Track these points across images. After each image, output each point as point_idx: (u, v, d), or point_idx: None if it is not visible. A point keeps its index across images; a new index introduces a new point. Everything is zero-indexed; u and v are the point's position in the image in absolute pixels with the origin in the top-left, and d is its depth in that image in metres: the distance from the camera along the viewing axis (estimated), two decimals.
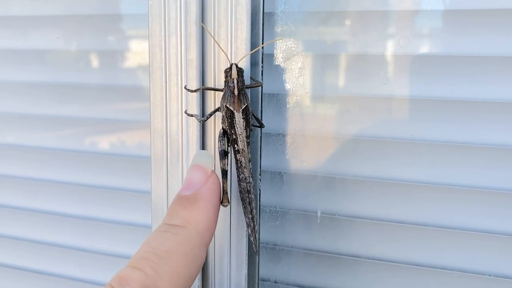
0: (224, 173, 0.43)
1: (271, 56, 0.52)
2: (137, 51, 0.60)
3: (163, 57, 0.47)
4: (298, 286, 0.56)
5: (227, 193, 0.43)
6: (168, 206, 0.50)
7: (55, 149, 0.65)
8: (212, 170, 0.36)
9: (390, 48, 0.49)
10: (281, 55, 0.51)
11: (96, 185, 0.63)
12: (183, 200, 0.34)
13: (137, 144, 0.61)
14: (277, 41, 0.51)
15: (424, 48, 0.48)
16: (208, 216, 0.34)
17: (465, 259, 0.50)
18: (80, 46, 0.62)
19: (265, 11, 0.47)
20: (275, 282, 0.56)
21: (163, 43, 0.47)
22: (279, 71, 0.52)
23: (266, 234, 0.55)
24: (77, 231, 0.65)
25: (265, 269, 0.56)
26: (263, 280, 0.57)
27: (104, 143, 0.63)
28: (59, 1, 0.61)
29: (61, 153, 0.64)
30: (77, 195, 0.65)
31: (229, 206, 0.47)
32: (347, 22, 0.50)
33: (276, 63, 0.52)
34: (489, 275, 0.49)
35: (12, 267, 0.69)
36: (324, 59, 0.51)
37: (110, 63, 0.62)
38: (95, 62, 0.62)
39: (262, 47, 0.45)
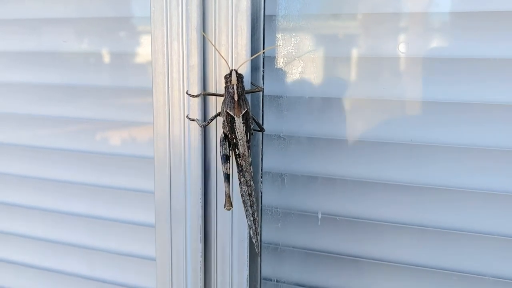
0: (227, 177, 0.44)
1: (273, 59, 0.52)
2: (143, 53, 0.61)
3: (166, 62, 0.48)
4: (300, 286, 0.57)
5: (229, 196, 0.44)
6: (172, 206, 0.51)
7: (64, 150, 0.66)
8: None
9: (391, 50, 0.49)
10: (282, 59, 0.52)
11: (102, 185, 0.65)
12: None
13: (143, 145, 0.62)
14: (276, 46, 0.51)
15: (431, 51, 0.49)
16: None
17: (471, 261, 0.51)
18: (87, 48, 0.63)
19: (266, 14, 0.47)
20: (277, 281, 0.57)
21: (165, 48, 0.48)
22: (280, 74, 0.53)
23: (268, 235, 0.56)
24: (84, 230, 0.67)
25: (267, 269, 0.57)
26: (265, 279, 0.57)
27: (111, 143, 0.64)
28: (64, 5, 0.62)
29: (70, 153, 0.66)
30: (84, 194, 0.66)
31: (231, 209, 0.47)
32: (348, 24, 0.50)
33: (277, 67, 0.53)
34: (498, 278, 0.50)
35: (22, 265, 0.71)
36: (325, 62, 0.52)
37: (117, 65, 0.62)
38: (101, 64, 0.63)
39: (263, 53, 0.46)
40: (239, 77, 0.42)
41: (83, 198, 0.66)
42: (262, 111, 0.49)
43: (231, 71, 0.42)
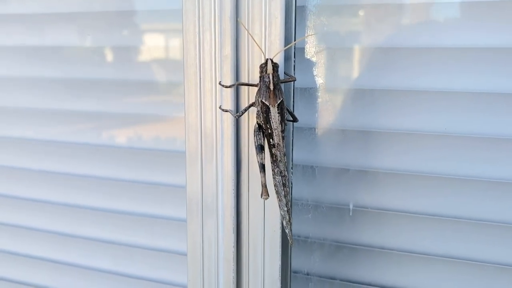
0: (262, 167, 0.44)
1: (302, 50, 0.52)
2: (172, 47, 0.61)
3: (197, 53, 0.48)
4: (330, 278, 0.57)
5: (266, 186, 0.44)
6: (203, 199, 0.51)
7: (92, 145, 0.66)
8: None
9: (424, 40, 0.49)
10: (313, 49, 0.52)
11: (131, 180, 0.65)
12: None
13: (173, 139, 0.62)
14: (309, 36, 0.51)
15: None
16: None
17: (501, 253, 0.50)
18: (112, 43, 0.63)
19: (297, 4, 0.47)
20: (307, 274, 0.57)
21: (197, 39, 0.48)
22: (310, 65, 0.53)
23: (298, 227, 0.56)
24: (111, 225, 0.67)
25: (297, 261, 0.57)
26: (295, 272, 0.57)
27: (140, 138, 0.64)
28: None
29: (98, 148, 0.66)
30: (113, 190, 0.66)
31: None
32: (379, 15, 0.50)
33: (308, 57, 0.52)
34: None
35: (48, 260, 0.72)
36: (355, 52, 0.51)
37: (146, 59, 0.63)
38: (130, 58, 0.63)
39: (295, 43, 0.46)
40: (275, 66, 0.42)
41: (112, 193, 0.66)
42: (293, 101, 0.49)
43: (266, 60, 0.42)
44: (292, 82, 0.47)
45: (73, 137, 0.67)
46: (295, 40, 0.46)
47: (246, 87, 0.47)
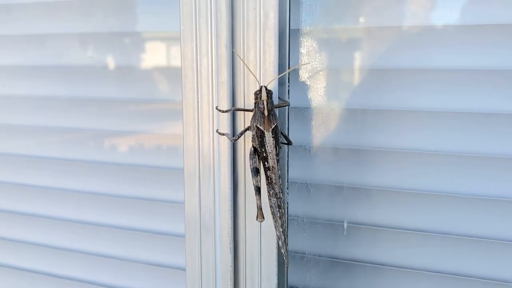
0: (257, 189, 0.45)
1: (297, 72, 0.54)
2: (172, 67, 0.62)
3: (195, 78, 0.50)
4: None
5: (261, 209, 0.45)
6: (201, 217, 0.52)
7: (93, 162, 0.68)
8: None
9: (414, 62, 0.50)
10: (306, 74, 0.53)
11: (132, 196, 0.66)
12: None
13: (171, 156, 0.64)
14: (302, 64, 0.53)
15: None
16: None
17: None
18: (114, 63, 0.65)
19: (291, 28, 0.49)
20: None
21: (195, 65, 0.49)
22: (304, 87, 0.54)
23: (294, 244, 0.57)
24: (112, 240, 0.69)
25: (294, 278, 0.58)
26: None
27: (140, 155, 0.66)
28: (90, 20, 0.65)
29: (99, 165, 0.68)
30: (114, 206, 0.68)
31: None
32: (369, 38, 0.52)
33: (302, 80, 0.54)
34: None
35: (49, 275, 0.73)
36: (347, 74, 0.53)
37: (151, 79, 0.64)
38: (132, 78, 0.64)
39: (289, 71, 0.47)
40: (269, 93, 0.43)
41: (113, 209, 0.68)
42: (288, 124, 0.51)
43: (261, 88, 0.43)
44: (286, 106, 0.49)
45: (72, 154, 0.68)
46: (289, 68, 0.48)
47: (242, 112, 0.49)
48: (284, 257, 0.48)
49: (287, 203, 0.51)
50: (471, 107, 0.49)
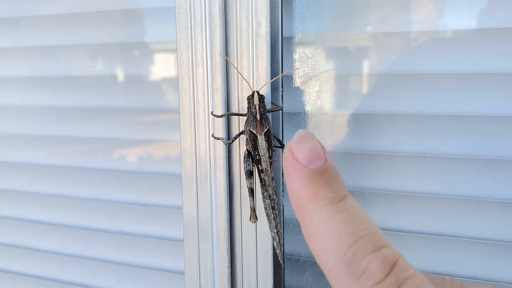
0: (251, 191, 0.47)
1: (290, 77, 0.56)
2: (168, 76, 0.65)
3: (191, 85, 0.52)
4: None
5: (254, 210, 0.47)
6: (199, 221, 0.54)
7: (94, 169, 0.70)
8: None
9: (404, 67, 0.52)
10: (299, 80, 0.55)
11: (131, 202, 0.68)
12: (324, 173, 0.26)
13: (169, 163, 0.66)
14: (295, 69, 0.55)
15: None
16: None
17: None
18: (112, 72, 0.67)
19: (283, 36, 0.50)
20: None
21: (191, 73, 0.51)
22: (298, 93, 0.56)
23: (290, 246, 0.58)
24: (114, 246, 0.70)
25: (290, 280, 0.59)
26: None
27: (139, 161, 0.68)
28: (90, 32, 0.67)
29: (99, 172, 0.69)
30: (114, 212, 0.69)
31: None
32: (362, 44, 0.53)
33: (295, 85, 0.56)
34: None
35: (51, 280, 0.74)
36: (341, 80, 0.55)
37: (147, 87, 0.66)
38: (132, 86, 0.67)
39: (282, 76, 0.49)
40: (261, 98, 0.45)
41: (113, 215, 0.70)
42: (282, 128, 0.52)
43: (253, 93, 0.45)
44: (280, 111, 0.51)
45: (69, 162, 0.70)
46: (282, 73, 0.50)
47: (237, 116, 0.51)
48: (279, 258, 0.49)
49: (283, 205, 0.53)
50: (471, 111, 0.50)
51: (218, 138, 0.51)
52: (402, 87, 0.52)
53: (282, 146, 0.50)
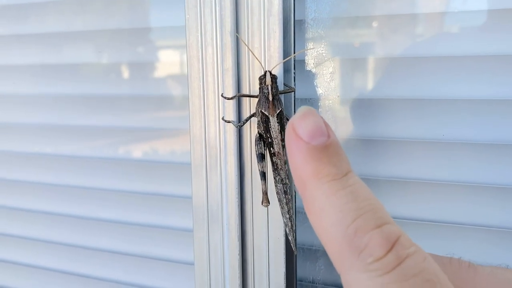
0: (263, 175, 0.45)
1: (303, 62, 0.54)
2: (178, 62, 0.63)
3: (201, 67, 0.50)
4: (335, 286, 0.57)
5: (266, 193, 0.45)
6: (209, 207, 0.52)
7: (103, 158, 0.69)
8: None
9: (418, 50, 0.50)
10: (312, 61, 0.53)
11: (140, 192, 0.67)
12: (327, 149, 0.26)
13: (178, 151, 0.64)
14: (308, 49, 0.53)
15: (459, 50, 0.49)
16: None
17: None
18: (120, 59, 0.66)
19: (296, 18, 0.49)
20: (313, 282, 0.58)
21: (200, 54, 0.50)
22: (310, 77, 0.54)
23: (302, 235, 0.57)
24: (121, 236, 0.69)
25: (303, 269, 0.58)
26: (300, 280, 0.58)
27: (148, 151, 0.66)
28: (97, 16, 0.66)
29: (108, 161, 0.68)
30: (121, 202, 0.68)
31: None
32: (376, 25, 0.51)
33: (308, 69, 0.54)
34: None
35: (57, 271, 0.74)
36: (354, 63, 0.53)
37: (155, 74, 0.65)
38: (139, 74, 0.65)
39: (294, 56, 0.47)
40: (273, 78, 0.44)
41: (120, 205, 0.68)
42: (294, 110, 0.51)
43: (265, 72, 0.44)
44: (292, 92, 0.49)
45: (79, 152, 0.69)
46: (294, 53, 0.48)
47: (247, 98, 0.49)
48: (292, 245, 0.47)
49: (295, 191, 0.51)
50: (478, 94, 0.48)
51: (229, 121, 0.49)
52: (420, 70, 0.50)
53: None
